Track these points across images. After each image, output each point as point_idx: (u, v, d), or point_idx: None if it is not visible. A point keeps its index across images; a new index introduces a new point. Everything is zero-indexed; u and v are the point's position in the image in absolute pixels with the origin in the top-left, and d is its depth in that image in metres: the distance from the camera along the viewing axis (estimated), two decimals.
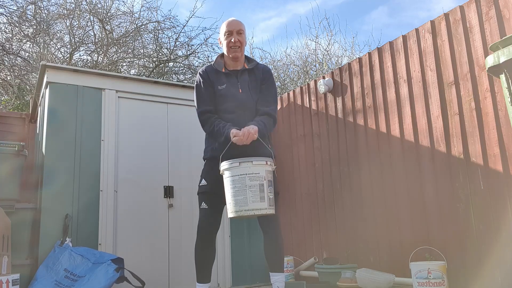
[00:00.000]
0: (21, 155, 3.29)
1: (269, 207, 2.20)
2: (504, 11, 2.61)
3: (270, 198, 2.22)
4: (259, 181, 2.18)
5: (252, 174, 2.18)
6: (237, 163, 2.21)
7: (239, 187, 2.18)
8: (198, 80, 2.67)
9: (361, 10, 16.13)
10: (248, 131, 2.34)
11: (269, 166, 2.26)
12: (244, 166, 2.20)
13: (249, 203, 2.15)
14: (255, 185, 2.17)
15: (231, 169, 2.23)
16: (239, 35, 2.61)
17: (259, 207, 2.16)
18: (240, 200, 2.17)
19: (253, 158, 2.24)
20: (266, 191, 2.19)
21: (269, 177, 2.24)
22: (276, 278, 2.51)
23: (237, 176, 2.20)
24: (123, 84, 3.90)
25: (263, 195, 2.17)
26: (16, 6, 7.37)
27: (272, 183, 2.27)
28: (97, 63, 7.77)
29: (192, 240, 2.74)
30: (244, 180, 2.17)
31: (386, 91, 3.37)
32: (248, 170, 2.19)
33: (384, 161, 3.32)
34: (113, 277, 2.95)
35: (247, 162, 2.20)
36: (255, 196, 2.16)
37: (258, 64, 2.73)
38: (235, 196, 2.19)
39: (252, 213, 2.16)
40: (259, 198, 2.16)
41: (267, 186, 2.20)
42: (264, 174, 2.21)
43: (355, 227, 3.51)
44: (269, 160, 2.28)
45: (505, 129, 2.56)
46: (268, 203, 2.20)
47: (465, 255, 2.71)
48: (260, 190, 2.17)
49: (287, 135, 4.38)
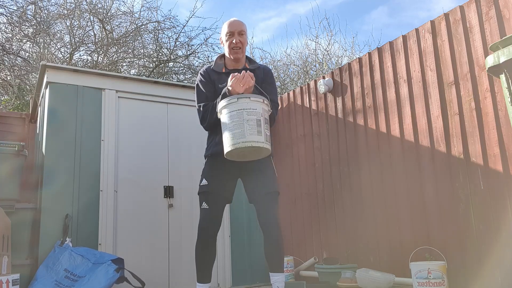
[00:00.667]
0: (21, 155, 3.29)
1: (265, 141, 2.21)
2: (504, 11, 2.61)
3: (267, 134, 2.23)
4: (256, 116, 2.20)
5: (250, 109, 2.20)
6: (235, 98, 2.23)
7: (236, 121, 2.19)
8: (198, 79, 2.68)
9: (361, 10, 16.13)
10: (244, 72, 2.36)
11: (266, 105, 2.30)
12: (242, 102, 2.22)
13: (246, 135, 2.16)
14: (253, 119, 2.19)
15: (229, 105, 2.24)
16: (241, 36, 2.61)
17: (256, 140, 2.17)
18: (238, 133, 2.18)
19: (251, 94, 2.28)
20: (263, 126, 2.21)
21: (266, 115, 2.27)
22: (276, 278, 2.51)
23: (235, 111, 2.21)
24: (123, 84, 3.90)
25: (260, 130, 2.19)
26: (16, 6, 7.37)
27: (268, 121, 2.30)
28: (97, 63, 7.77)
29: (192, 240, 2.74)
30: (242, 114, 2.19)
31: (386, 91, 3.37)
32: (246, 105, 2.21)
33: (384, 161, 3.32)
34: (113, 278, 2.95)
35: (245, 97, 2.23)
36: (252, 129, 2.17)
37: (260, 66, 2.74)
38: (233, 130, 2.19)
39: (249, 145, 2.16)
40: (256, 131, 2.18)
41: (264, 122, 2.23)
42: (261, 110, 2.23)
43: (355, 227, 3.51)
44: (265, 99, 2.31)
45: (505, 129, 2.56)
46: (265, 138, 2.21)
47: (465, 255, 2.71)
48: (257, 125, 2.19)
49: (287, 135, 4.38)
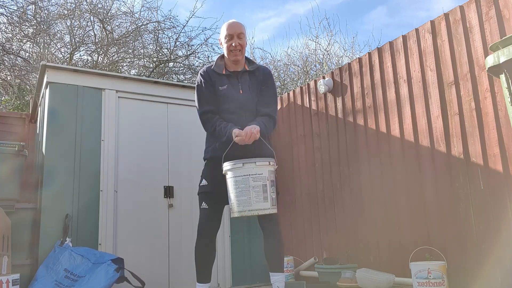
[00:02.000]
0: (21, 155, 3.29)
1: (271, 206, 2.24)
2: (504, 11, 2.61)
3: (272, 198, 2.25)
4: (262, 181, 2.21)
5: (256, 175, 2.21)
6: (240, 164, 2.23)
7: (242, 187, 2.20)
8: (199, 80, 2.68)
9: (360, 10, 16.13)
10: (250, 131, 2.35)
11: (271, 167, 2.29)
12: (247, 167, 2.22)
13: (252, 203, 2.19)
14: (259, 186, 2.20)
15: (234, 170, 2.25)
16: (240, 39, 2.61)
17: (263, 207, 2.20)
18: (244, 201, 2.20)
19: (256, 159, 2.26)
20: (269, 191, 2.22)
21: (272, 177, 2.27)
22: (276, 278, 2.51)
23: (240, 177, 2.22)
24: (123, 84, 3.90)
25: (266, 195, 2.21)
26: (16, 6, 7.37)
27: (274, 183, 2.30)
28: (97, 63, 7.77)
29: (192, 240, 2.74)
30: (248, 180, 2.20)
31: (386, 91, 3.37)
32: (252, 170, 2.22)
33: (384, 161, 3.32)
34: (113, 277, 2.95)
35: (250, 163, 2.23)
36: (258, 196, 2.19)
37: (259, 67, 2.74)
38: (239, 197, 2.21)
39: (255, 213, 2.20)
40: (262, 198, 2.20)
41: (269, 186, 2.23)
42: (267, 174, 2.23)
43: (355, 227, 3.51)
44: (271, 161, 2.30)
45: (505, 129, 2.55)
46: (271, 202, 2.23)
47: (465, 255, 2.71)
48: (263, 191, 2.20)
49: (287, 135, 4.38)
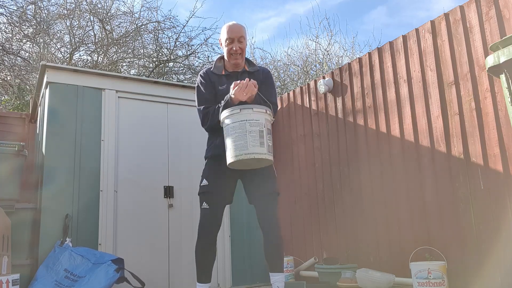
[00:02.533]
0: (21, 155, 3.29)
1: (268, 153, 2.24)
2: (504, 11, 2.61)
3: (269, 145, 2.26)
4: (259, 127, 2.23)
5: (253, 120, 2.23)
6: (237, 109, 2.25)
7: (239, 132, 2.22)
8: (199, 81, 2.69)
9: (360, 10, 16.13)
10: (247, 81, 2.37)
11: (268, 115, 2.31)
12: (244, 113, 2.24)
13: (249, 147, 2.19)
14: (255, 131, 2.21)
15: (232, 116, 2.26)
16: (240, 42, 2.61)
17: (259, 151, 2.20)
18: (240, 145, 2.20)
19: (254, 105, 2.29)
20: (266, 138, 2.24)
21: (269, 126, 2.29)
22: (276, 278, 2.51)
23: (237, 122, 2.24)
24: (123, 84, 3.90)
25: (263, 141, 2.22)
26: (16, 6, 7.37)
27: (271, 132, 2.31)
28: (97, 63, 7.77)
29: (192, 240, 2.74)
30: (245, 125, 2.22)
31: (386, 91, 3.37)
32: (249, 116, 2.23)
33: (384, 161, 3.32)
34: (113, 278, 2.95)
35: (247, 108, 2.25)
36: (255, 140, 2.20)
37: (259, 69, 2.75)
38: (235, 141, 2.22)
39: (252, 157, 2.19)
40: (258, 143, 2.20)
41: (266, 133, 2.25)
42: (263, 121, 2.25)
43: (355, 227, 3.51)
44: (268, 109, 2.32)
45: (505, 129, 2.55)
46: (268, 149, 2.24)
47: (465, 255, 2.71)
48: (260, 136, 2.21)
49: (287, 135, 4.38)
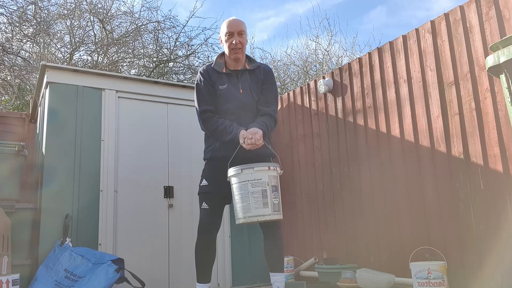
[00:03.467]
0: (21, 155, 3.29)
1: (273, 212, 2.19)
2: (504, 11, 2.61)
3: (274, 203, 2.20)
4: (261, 187, 2.18)
5: (254, 180, 2.19)
6: (239, 170, 2.23)
7: (242, 193, 2.20)
8: (198, 79, 2.65)
9: (360, 10, 16.15)
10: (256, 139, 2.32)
11: (272, 171, 2.25)
12: (246, 173, 2.21)
13: (252, 209, 2.17)
14: (257, 191, 2.17)
15: (235, 176, 2.25)
16: (240, 36, 2.57)
17: (262, 213, 2.17)
18: (245, 207, 2.19)
19: (255, 164, 2.24)
20: (270, 197, 2.19)
21: (274, 182, 2.23)
22: (276, 278, 2.50)
23: (240, 183, 2.21)
24: (123, 84, 3.90)
25: (266, 201, 2.17)
26: (16, 6, 7.38)
27: (277, 188, 2.25)
28: (97, 63, 7.77)
29: (192, 240, 2.74)
30: (247, 186, 2.19)
31: (386, 91, 3.37)
32: (250, 176, 2.20)
33: (384, 161, 3.32)
34: (113, 278, 2.94)
35: (248, 168, 2.21)
36: (257, 202, 2.17)
37: (260, 65, 2.70)
38: (240, 203, 2.21)
39: (255, 219, 2.17)
40: (261, 204, 2.17)
41: (270, 192, 2.19)
42: (266, 179, 2.20)
43: (355, 227, 3.51)
44: (272, 165, 2.26)
45: (505, 129, 2.55)
46: (272, 208, 2.19)
47: (465, 255, 2.71)
48: (263, 196, 2.17)
49: (287, 135, 4.38)
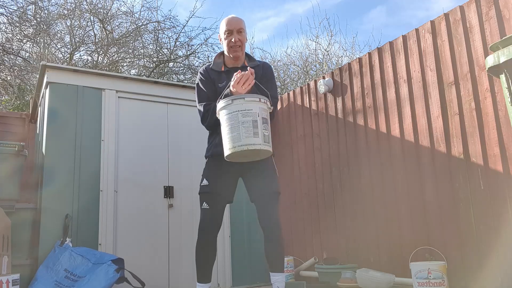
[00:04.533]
0: (21, 155, 3.29)
1: (264, 143, 2.16)
2: (504, 11, 2.61)
3: (265, 135, 2.18)
4: (252, 117, 2.15)
5: (245, 111, 2.16)
6: (230, 100, 2.20)
7: (232, 124, 2.16)
8: (198, 78, 2.66)
9: (360, 10, 16.14)
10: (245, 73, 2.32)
11: (263, 104, 2.22)
12: (236, 103, 2.18)
13: (242, 138, 2.12)
14: (248, 121, 2.14)
15: (225, 107, 2.21)
16: (239, 34, 2.57)
17: (253, 142, 2.13)
18: (234, 137, 2.14)
19: (246, 94, 2.23)
20: (260, 127, 2.16)
21: (264, 115, 2.21)
22: (276, 278, 2.50)
23: (230, 114, 2.18)
24: (123, 84, 3.90)
25: (257, 131, 2.14)
26: (16, 6, 7.38)
27: (267, 121, 2.23)
28: (97, 63, 7.77)
29: (192, 240, 2.74)
30: (237, 116, 2.15)
31: (386, 91, 3.37)
32: (241, 106, 2.16)
33: (384, 161, 3.32)
34: (113, 278, 2.95)
35: (239, 98, 2.19)
36: (248, 131, 2.13)
37: (259, 64, 2.69)
38: (229, 133, 2.17)
39: (245, 148, 2.12)
40: (252, 134, 2.13)
41: (261, 123, 2.17)
42: (257, 110, 2.18)
43: (355, 227, 3.51)
44: (263, 98, 2.24)
45: (505, 129, 2.55)
46: (263, 139, 2.16)
47: (465, 255, 2.71)
48: (253, 126, 2.14)
49: (287, 135, 4.38)
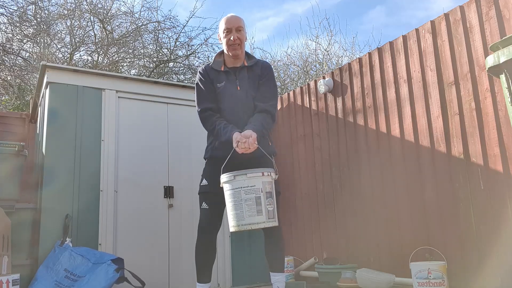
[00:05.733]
0: (21, 155, 3.29)
1: (267, 220, 2.11)
2: (504, 11, 2.61)
3: (269, 210, 2.12)
4: (255, 194, 2.10)
5: (247, 187, 2.11)
6: (232, 176, 2.15)
7: (235, 201, 2.12)
8: (198, 78, 2.65)
9: (359, 10, 16.14)
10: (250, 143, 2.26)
11: (267, 177, 2.16)
12: (238, 180, 2.12)
13: (245, 217, 2.09)
14: (251, 199, 2.09)
15: (228, 183, 2.17)
16: (238, 32, 2.55)
17: (256, 221, 2.09)
18: (238, 214, 2.11)
19: (248, 170, 2.15)
20: (264, 204, 2.10)
21: (268, 189, 2.15)
22: (277, 278, 2.51)
23: (233, 190, 2.13)
24: (123, 84, 3.90)
25: (260, 208, 2.09)
26: (16, 6, 7.38)
27: (272, 194, 2.17)
28: (98, 63, 7.77)
29: (192, 240, 2.74)
30: (240, 193, 2.11)
31: (386, 91, 3.37)
32: (243, 183, 2.11)
33: (384, 161, 3.32)
34: (113, 277, 2.95)
35: (241, 175, 2.13)
36: (251, 210, 2.09)
37: (258, 61, 2.67)
38: (234, 210, 2.13)
39: (249, 228, 2.09)
40: (255, 212, 2.09)
41: (264, 199, 2.11)
42: (260, 186, 2.12)
43: (355, 227, 3.51)
44: (266, 171, 2.18)
45: (505, 129, 2.55)
46: (267, 216, 2.11)
47: (465, 255, 2.71)
48: (256, 204, 2.09)
49: (287, 135, 4.38)
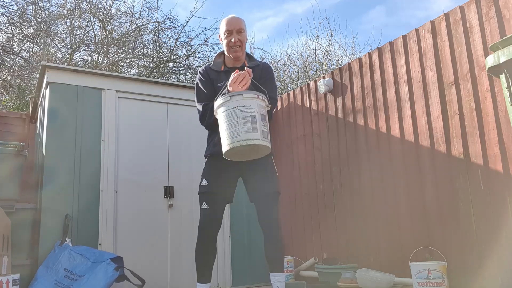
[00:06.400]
0: (21, 155, 3.29)
1: (262, 138, 2.17)
2: (504, 11, 2.61)
3: (264, 130, 2.19)
4: (250, 113, 2.16)
5: (243, 107, 2.17)
6: (228, 97, 2.21)
7: (231, 120, 2.17)
8: (198, 78, 2.66)
9: (359, 10, 16.14)
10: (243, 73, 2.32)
11: (261, 101, 2.23)
12: (235, 100, 2.18)
13: (241, 133, 2.13)
14: (246, 117, 2.15)
15: (224, 104, 2.22)
16: (239, 34, 2.56)
17: (252, 137, 2.13)
18: (233, 132, 2.15)
19: (244, 91, 2.25)
20: (259, 123, 2.17)
21: (262, 111, 2.23)
22: (277, 279, 2.50)
23: (229, 110, 2.19)
24: (123, 84, 3.90)
25: (255, 126, 2.15)
26: (16, 6, 7.38)
27: (265, 117, 2.25)
28: (98, 63, 7.77)
29: (192, 240, 2.74)
30: (236, 112, 2.16)
31: (386, 91, 3.37)
32: (239, 102, 2.17)
33: (384, 161, 3.32)
34: (112, 276, 2.94)
35: (237, 95, 2.20)
36: (246, 126, 2.14)
37: (259, 64, 2.68)
38: (228, 129, 2.17)
39: (244, 143, 2.12)
40: (251, 129, 2.14)
41: (259, 119, 2.18)
42: (255, 106, 2.19)
43: (355, 227, 3.51)
44: (261, 95, 2.25)
45: (505, 129, 2.55)
46: (262, 135, 2.17)
47: (465, 255, 2.71)
48: (252, 122, 2.15)
49: (287, 135, 4.38)
